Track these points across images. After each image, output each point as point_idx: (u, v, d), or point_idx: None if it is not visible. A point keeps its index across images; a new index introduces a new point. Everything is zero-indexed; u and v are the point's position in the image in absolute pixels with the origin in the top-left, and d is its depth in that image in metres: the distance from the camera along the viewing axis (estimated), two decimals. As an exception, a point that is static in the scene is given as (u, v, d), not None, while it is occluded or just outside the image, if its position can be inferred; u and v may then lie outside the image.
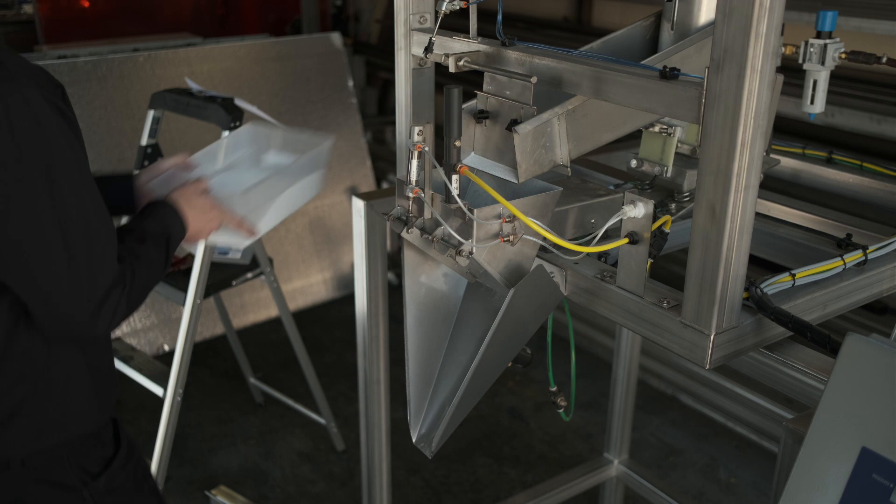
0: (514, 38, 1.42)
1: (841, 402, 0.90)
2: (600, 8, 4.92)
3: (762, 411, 3.30)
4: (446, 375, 1.45)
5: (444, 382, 1.45)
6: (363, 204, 2.07)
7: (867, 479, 0.87)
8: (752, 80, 1.03)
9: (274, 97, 4.18)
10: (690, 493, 3.14)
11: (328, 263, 4.42)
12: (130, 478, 1.55)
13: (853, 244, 1.47)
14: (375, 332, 2.18)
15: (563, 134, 1.36)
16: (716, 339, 1.18)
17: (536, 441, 3.42)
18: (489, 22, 1.49)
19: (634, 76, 1.19)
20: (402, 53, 1.59)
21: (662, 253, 1.35)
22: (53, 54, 3.79)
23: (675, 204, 1.58)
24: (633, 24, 1.58)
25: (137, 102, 3.76)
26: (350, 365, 3.81)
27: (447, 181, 1.24)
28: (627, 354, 2.69)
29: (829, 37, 1.40)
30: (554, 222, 1.34)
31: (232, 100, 2.65)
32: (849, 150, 2.01)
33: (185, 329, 2.65)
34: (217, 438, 3.39)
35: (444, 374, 1.45)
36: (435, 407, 1.45)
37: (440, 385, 1.45)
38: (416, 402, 1.44)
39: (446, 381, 1.44)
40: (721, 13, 1.04)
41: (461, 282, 1.47)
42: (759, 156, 1.09)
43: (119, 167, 3.69)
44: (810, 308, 1.28)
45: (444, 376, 1.45)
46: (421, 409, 1.44)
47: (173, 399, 2.64)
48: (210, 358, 3.94)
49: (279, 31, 5.84)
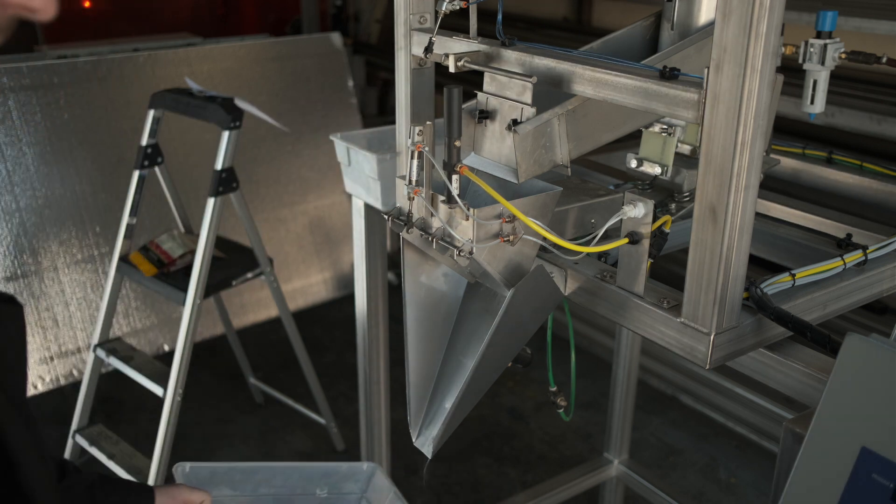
0: (514, 38, 1.42)
1: (841, 402, 0.90)
2: (600, 8, 4.92)
3: (762, 411, 3.30)
4: (446, 375, 1.44)
5: (444, 382, 1.44)
6: (363, 204, 2.07)
7: (867, 479, 0.87)
8: (752, 80, 1.03)
9: (274, 97, 4.18)
10: (690, 493, 3.14)
11: (328, 263, 4.42)
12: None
13: (853, 244, 1.47)
14: (375, 332, 2.19)
15: (563, 134, 1.36)
16: (716, 339, 1.18)
17: (536, 441, 3.42)
18: (489, 22, 1.49)
19: (634, 76, 1.19)
20: (402, 53, 1.59)
21: (662, 253, 1.35)
22: (53, 54, 3.79)
23: (675, 204, 1.58)
24: (633, 24, 1.58)
25: (137, 102, 3.76)
26: (350, 365, 3.81)
27: (447, 181, 1.24)
28: (627, 354, 2.68)
29: (829, 37, 1.40)
30: (554, 222, 1.34)
31: (232, 100, 2.65)
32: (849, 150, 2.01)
33: (185, 329, 2.65)
34: (217, 438, 3.39)
35: (444, 374, 1.45)
36: (435, 407, 1.44)
37: (440, 385, 1.45)
38: (416, 402, 1.44)
39: (446, 381, 1.44)
40: (721, 13, 1.04)
41: (461, 282, 1.47)
42: (759, 156, 1.09)
43: (119, 167, 3.69)
44: (810, 308, 1.28)
45: (444, 376, 1.45)
46: (421, 409, 1.44)
47: (173, 399, 2.64)
48: (210, 358, 3.94)
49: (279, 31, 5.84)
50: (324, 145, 4.30)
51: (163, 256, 2.82)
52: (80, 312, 3.63)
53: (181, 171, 3.80)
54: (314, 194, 4.35)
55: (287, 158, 4.23)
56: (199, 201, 2.89)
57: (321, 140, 4.30)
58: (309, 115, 4.30)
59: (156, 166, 2.90)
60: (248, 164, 4.04)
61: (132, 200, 2.86)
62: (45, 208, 3.56)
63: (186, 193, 3.76)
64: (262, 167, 4.14)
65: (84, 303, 3.64)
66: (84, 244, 3.65)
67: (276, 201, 4.21)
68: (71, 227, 3.62)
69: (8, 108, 3.48)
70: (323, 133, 4.30)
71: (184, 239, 2.90)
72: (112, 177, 3.71)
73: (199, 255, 2.65)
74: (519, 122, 1.33)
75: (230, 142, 2.64)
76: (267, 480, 1.61)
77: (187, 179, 3.83)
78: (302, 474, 1.65)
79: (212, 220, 2.66)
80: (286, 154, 4.23)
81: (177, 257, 2.82)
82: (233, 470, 1.59)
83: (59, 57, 3.73)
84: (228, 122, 2.61)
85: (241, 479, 1.60)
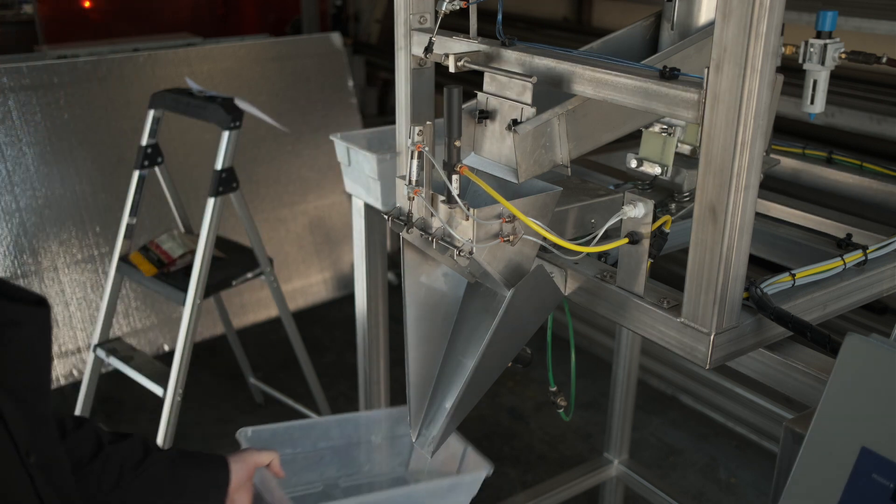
0: (514, 38, 1.42)
1: (841, 402, 0.90)
2: (600, 8, 4.92)
3: (762, 411, 3.30)
4: (446, 375, 1.44)
5: (444, 382, 1.44)
6: (363, 204, 2.07)
7: (867, 479, 0.87)
8: (752, 80, 1.03)
9: (274, 97, 4.18)
10: (690, 493, 3.14)
11: (328, 263, 4.42)
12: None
13: (853, 244, 1.47)
14: (375, 332, 2.19)
15: (563, 134, 1.36)
16: (716, 339, 1.18)
17: (536, 441, 3.42)
18: (489, 22, 1.49)
19: (634, 76, 1.19)
20: (402, 53, 1.59)
21: (662, 253, 1.35)
22: (53, 54, 3.79)
23: (675, 204, 1.58)
24: (633, 24, 1.58)
25: (137, 102, 3.76)
26: (350, 365, 3.81)
27: (447, 181, 1.24)
28: (627, 354, 2.68)
29: (829, 37, 1.40)
30: (554, 222, 1.34)
31: (232, 100, 2.65)
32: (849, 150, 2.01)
33: (185, 329, 2.65)
34: (217, 438, 3.38)
35: (444, 374, 1.45)
36: (435, 407, 1.44)
37: (440, 385, 1.45)
38: (416, 402, 1.44)
39: (446, 381, 1.44)
40: (721, 13, 1.04)
41: (461, 282, 1.47)
42: (759, 156, 1.09)
43: (119, 167, 3.69)
44: (810, 308, 1.28)
45: (444, 376, 1.45)
46: (421, 409, 1.44)
47: (173, 399, 2.64)
48: (210, 358, 3.94)
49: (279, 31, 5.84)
50: (324, 145, 4.30)
51: (163, 256, 2.82)
52: (79, 312, 3.63)
53: (181, 171, 3.80)
54: (314, 194, 4.35)
55: (287, 158, 4.23)
56: (199, 201, 2.89)
57: (321, 140, 4.30)
58: (309, 115, 4.30)
59: (156, 166, 2.90)
60: (248, 164, 4.04)
61: (132, 200, 2.86)
62: (45, 208, 3.56)
63: (186, 193, 3.77)
64: (262, 167, 4.14)
65: (84, 303, 3.64)
66: (84, 244, 3.65)
67: (276, 201, 4.21)
68: (71, 227, 3.62)
69: (8, 108, 3.48)
70: (323, 133, 4.30)
71: (184, 239, 2.90)
72: (112, 177, 3.71)
73: (199, 255, 2.65)
74: (519, 122, 1.33)
75: (230, 142, 2.64)
76: (324, 434, 1.67)
77: (187, 179, 3.83)
78: (356, 424, 1.71)
79: (212, 220, 2.66)
80: (286, 154, 4.23)
81: (177, 257, 2.82)
82: (291, 428, 1.64)
83: (59, 57, 3.74)
84: (228, 122, 2.61)
85: (301, 435, 1.65)
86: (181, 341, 2.65)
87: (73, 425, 1.29)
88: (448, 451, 1.58)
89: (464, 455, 1.57)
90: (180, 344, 2.65)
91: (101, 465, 1.27)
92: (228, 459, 1.39)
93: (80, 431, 1.29)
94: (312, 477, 1.68)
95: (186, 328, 2.65)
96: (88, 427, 1.31)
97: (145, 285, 2.87)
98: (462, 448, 1.56)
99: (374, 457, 1.70)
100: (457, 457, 1.58)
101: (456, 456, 1.58)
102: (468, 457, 1.56)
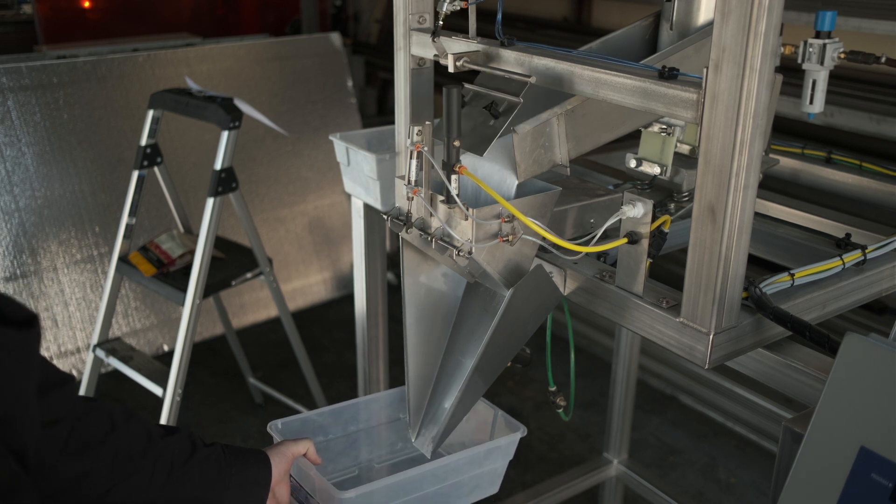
0: (513, 38, 1.42)
1: (840, 402, 0.91)
2: (600, 8, 4.92)
3: (762, 411, 3.30)
4: (446, 375, 1.45)
5: (443, 382, 1.45)
6: (362, 204, 2.07)
7: (866, 479, 0.87)
8: (751, 80, 1.03)
9: (274, 97, 4.18)
10: (690, 493, 3.14)
11: (328, 263, 4.42)
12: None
13: (852, 244, 1.47)
14: (375, 332, 2.19)
15: (563, 134, 1.36)
16: (715, 339, 1.18)
17: (536, 441, 3.42)
18: (489, 22, 1.49)
19: (634, 76, 1.19)
20: (402, 53, 1.59)
21: (662, 253, 1.35)
22: (53, 54, 3.78)
23: (674, 204, 1.58)
24: (632, 24, 1.58)
25: (137, 102, 3.76)
26: (350, 365, 3.81)
27: (447, 181, 1.24)
28: (627, 354, 2.69)
29: (828, 37, 1.41)
30: (553, 222, 1.34)
31: (231, 100, 2.65)
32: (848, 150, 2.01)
33: (185, 329, 2.65)
34: (217, 438, 3.38)
35: (443, 374, 1.45)
36: (434, 407, 1.45)
37: (440, 385, 1.45)
38: (415, 402, 1.44)
39: (446, 380, 1.44)
40: (720, 13, 1.04)
41: (460, 282, 1.47)
42: (758, 155, 1.09)
43: (118, 167, 3.69)
44: (809, 308, 1.28)
45: (444, 376, 1.45)
46: (420, 409, 1.44)
47: (173, 399, 2.64)
48: (210, 358, 3.94)
49: (279, 31, 5.83)
50: (323, 145, 4.30)
51: (162, 256, 2.83)
52: (79, 312, 3.63)
53: (181, 171, 3.80)
54: (314, 194, 4.35)
55: (287, 158, 4.23)
56: (199, 201, 2.89)
57: (321, 140, 4.30)
58: (309, 115, 4.30)
59: (155, 166, 2.90)
60: (248, 164, 4.04)
61: (131, 200, 2.86)
62: (45, 208, 3.55)
63: (186, 193, 3.77)
64: (261, 167, 4.14)
65: (83, 303, 3.64)
66: (83, 244, 3.65)
67: (276, 201, 4.21)
68: (70, 228, 3.62)
69: (7, 109, 3.48)
70: (322, 133, 4.30)
71: (183, 239, 2.90)
72: (111, 177, 3.71)
73: (199, 255, 2.65)
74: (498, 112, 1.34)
75: (229, 142, 2.64)
76: (353, 417, 1.66)
77: (187, 179, 3.83)
78: (383, 403, 1.69)
79: (211, 220, 2.66)
80: (286, 154, 4.23)
81: (176, 257, 2.82)
82: (321, 415, 1.63)
83: (58, 57, 3.73)
84: (228, 122, 2.62)
85: (330, 421, 1.64)
86: (180, 341, 2.65)
87: (122, 419, 1.28)
88: (479, 418, 1.60)
89: (494, 420, 1.58)
90: (180, 344, 2.65)
91: (151, 463, 1.27)
92: (269, 454, 1.40)
93: (129, 425, 1.28)
94: (347, 461, 1.68)
95: (186, 328, 2.65)
96: (138, 421, 1.30)
97: (145, 285, 2.87)
98: (493, 413, 1.58)
99: (405, 434, 1.69)
100: (488, 422, 1.59)
101: (487, 422, 1.59)
102: (499, 421, 1.57)
